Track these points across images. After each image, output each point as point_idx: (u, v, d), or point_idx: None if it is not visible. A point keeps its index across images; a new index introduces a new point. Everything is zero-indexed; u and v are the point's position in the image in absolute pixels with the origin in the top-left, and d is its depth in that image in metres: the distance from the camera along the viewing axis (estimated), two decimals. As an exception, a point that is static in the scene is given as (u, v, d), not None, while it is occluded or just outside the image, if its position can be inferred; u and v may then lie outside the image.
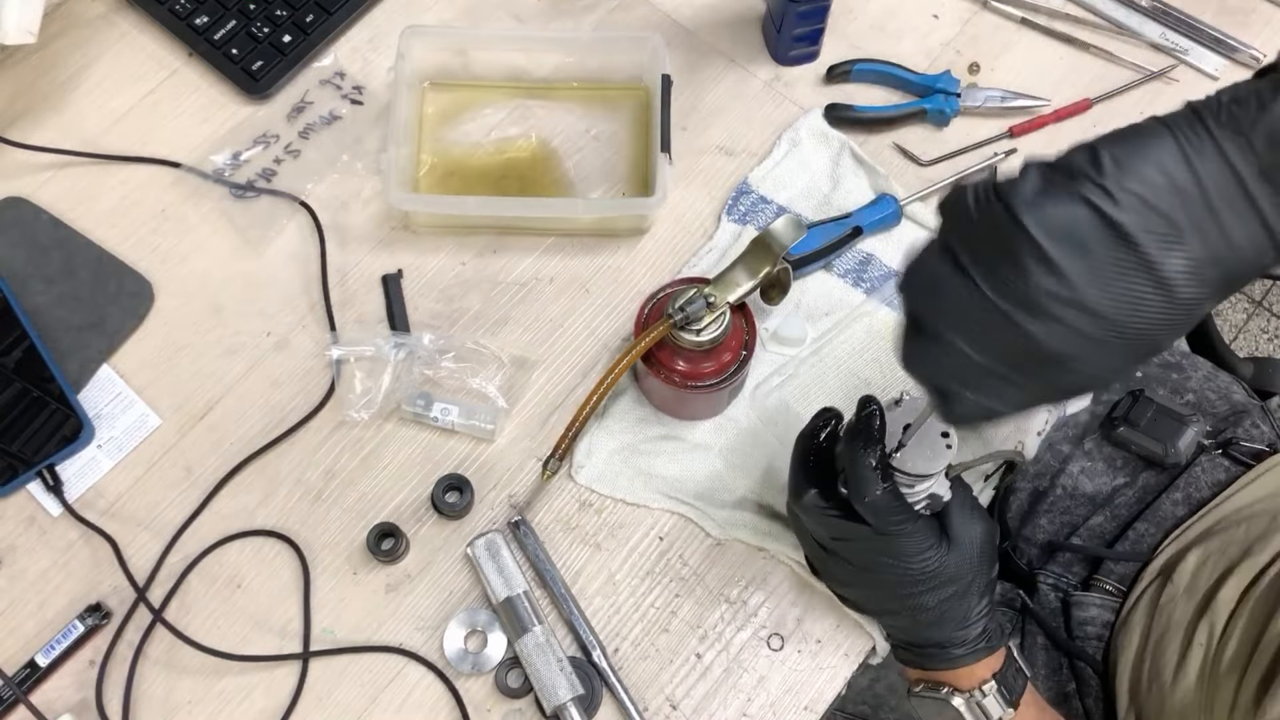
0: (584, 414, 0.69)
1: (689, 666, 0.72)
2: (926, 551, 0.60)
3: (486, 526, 0.74)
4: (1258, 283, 1.93)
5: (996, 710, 0.63)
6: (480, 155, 0.85)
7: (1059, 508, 0.91)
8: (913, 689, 0.67)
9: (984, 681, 0.63)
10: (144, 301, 0.80)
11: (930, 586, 0.61)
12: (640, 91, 0.87)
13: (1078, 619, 0.86)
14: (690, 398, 0.73)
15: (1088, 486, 0.91)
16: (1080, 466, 0.91)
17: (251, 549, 0.74)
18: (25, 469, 0.74)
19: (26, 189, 0.83)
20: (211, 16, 0.88)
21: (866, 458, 0.59)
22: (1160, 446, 0.87)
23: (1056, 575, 0.89)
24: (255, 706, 0.70)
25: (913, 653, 0.66)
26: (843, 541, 0.62)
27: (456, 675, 0.71)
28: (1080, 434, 0.93)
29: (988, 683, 0.63)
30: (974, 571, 0.62)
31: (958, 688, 0.64)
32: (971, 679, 0.64)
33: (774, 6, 0.86)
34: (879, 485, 0.59)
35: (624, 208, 0.82)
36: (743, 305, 0.70)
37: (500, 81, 0.88)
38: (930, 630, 0.63)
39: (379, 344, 0.77)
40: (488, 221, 0.83)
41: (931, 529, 0.61)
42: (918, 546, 0.60)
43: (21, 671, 0.69)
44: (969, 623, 0.63)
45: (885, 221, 0.82)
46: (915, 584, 0.61)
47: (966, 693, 0.64)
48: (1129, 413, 0.88)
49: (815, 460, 0.65)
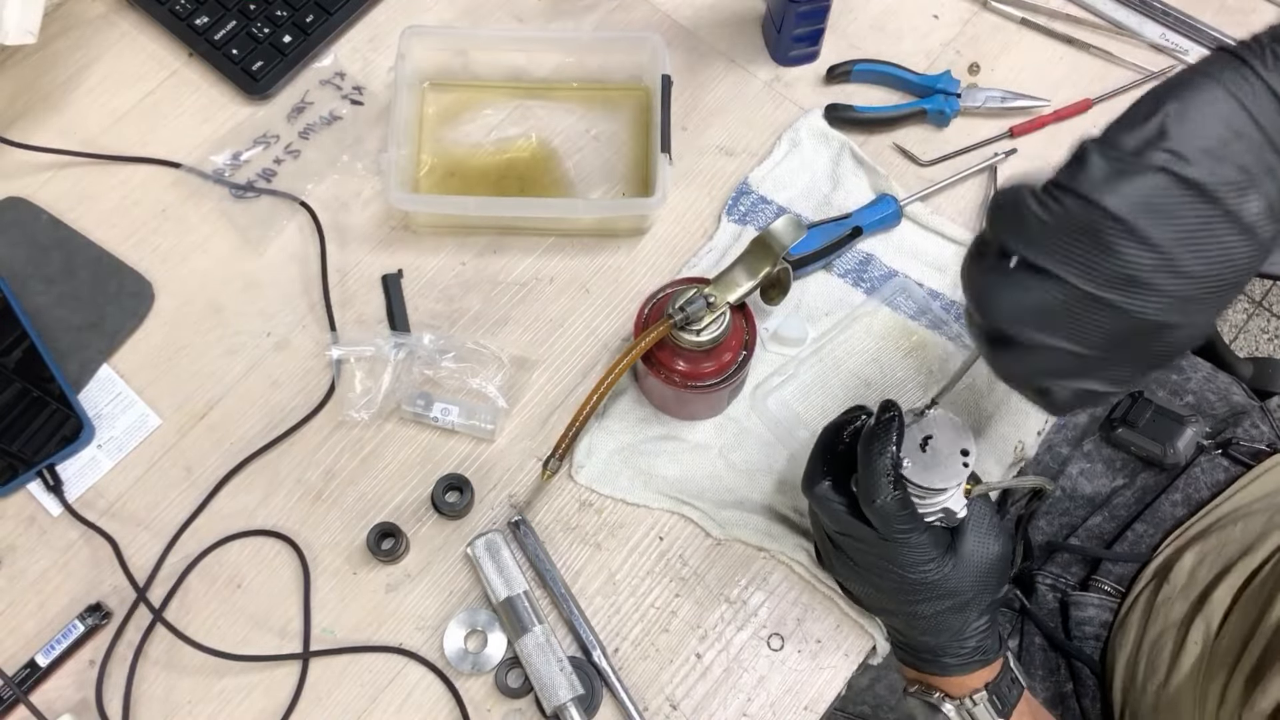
0: (584, 414, 0.68)
1: (689, 666, 0.72)
2: (927, 564, 0.59)
3: (487, 526, 0.74)
4: (1257, 282, 1.93)
5: (988, 719, 0.63)
6: (480, 155, 0.85)
7: (1058, 509, 0.91)
8: (908, 689, 0.67)
9: (975, 691, 0.63)
10: (144, 301, 0.80)
11: (926, 597, 0.61)
12: (640, 92, 0.87)
13: (1076, 619, 0.86)
14: (690, 398, 0.73)
15: (1086, 488, 0.91)
16: (1079, 468, 0.91)
17: (252, 549, 0.74)
18: (25, 469, 0.74)
19: (27, 189, 0.83)
20: (212, 17, 0.88)
21: (880, 462, 0.58)
22: (1159, 447, 0.87)
23: (1055, 576, 0.89)
24: (255, 706, 0.70)
25: (909, 654, 0.66)
26: (847, 538, 0.62)
27: (456, 675, 0.71)
28: (1079, 435, 0.93)
29: (979, 693, 0.63)
30: (976, 590, 0.61)
31: (949, 694, 0.64)
32: (963, 688, 0.64)
33: (774, 6, 0.86)
34: (889, 492, 0.58)
35: (624, 208, 0.82)
36: (743, 305, 0.70)
37: (500, 81, 0.88)
38: (925, 637, 0.63)
39: (379, 344, 0.77)
40: (487, 222, 0.83)
41: (938, 542, 0.60)
42: (918, 558, 0.59)
43: (22, 671, 0.69)
44: (964, 636, 0.62)
45: (885, 222, 0.82)
46: (913, 592, 0.61)
47: (957, 700, 0.63)
48: (1128, 414, 0.88)
49: (836, 453, 0.64)
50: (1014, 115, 0.87)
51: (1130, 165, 0.45)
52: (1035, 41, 0.90)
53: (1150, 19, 0.91)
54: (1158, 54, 0.90)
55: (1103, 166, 0.45)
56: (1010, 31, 0.91)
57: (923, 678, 0.65)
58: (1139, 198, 0.45)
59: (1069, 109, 0.87)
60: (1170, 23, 0.90)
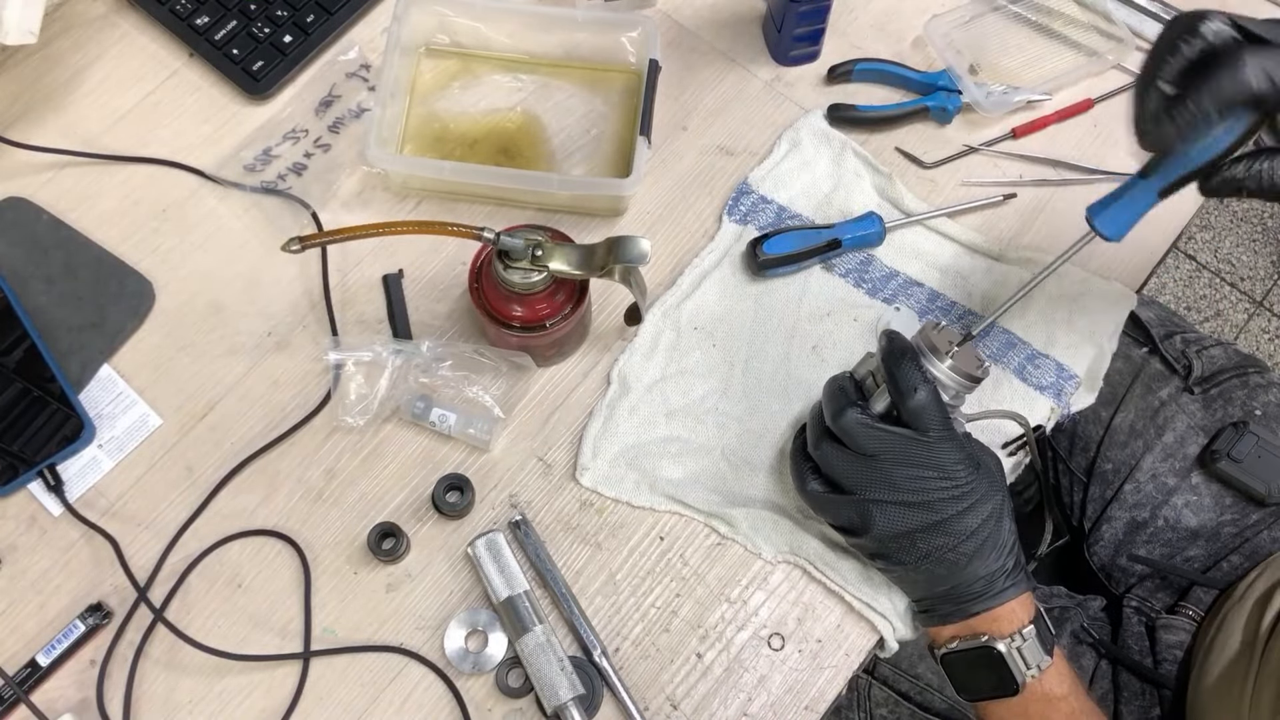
0: (353, 235, 0.66)
1: (690, 666, 0.72)
2: (961, 464, 0.63)
3: (487, 526, 0.74)
4: (1258, 282, 1.93)
5: (1036, 657, 0.64)
6: (466, 123, 0.85)
7: (1160, 539, 0.91)
8: (944, 649, 0.67)
9: (1024, 626, 0.64)
10: (145, 301, 0.80)
11: (970, 504, 0.63)
12: (632, 75, 0.87)
13: (1165, 642, 0.86)
14: (495, 333, 0.74)
15: (1191, 520, 0.91)
16: (1185, 499, 0.91)
17: (252, 549, 0.74)
18: (26, 469, 0.74)
19: (27, 189, 0.83)
20: (212, 17, 0.88)
21: (909, 365, 0.64)
22: (1263, 485, 0.85)
23: (1140, 600, 0.90)
24: (256, 706, 0.70)
25: (951, 604, 0.66)
26: (886, 457, 0.64)
27: (457, 675, 0.71)
28: (1188, 467, 0.92)
29: (1027, 627, 0.64)
30: (1001, 492, 0.65)
31: (999, 634, 0.65)
32: (1012, 622, 0.65)
33: (774, 6, 0.86)
34: (924, 386, 0.63)
35: (597, 187, 0.81)
36: (584, 289, 0.71)
37: (495, 53, 0.88)
38: (975, 563, 0.64)
39: (377, 350, 0.76)
40: (466, 189, 0.83)
41: (963, 447, 0.64)
42: (955, 456, 0.63)
43: (22, 671, 0.70)
44: (1008, 548, 0.65)
45: (867, 240, 0.81)
46: (959, 501, 0.63)
47: (1008, 638, 0.64)
48: (1232, 448, 0.86)
49: (848, 391, 0.67)
50: (1015, 115, 0.87)
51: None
52: (1036, 41, 0.90)
53: (1151, 19, 0.90)
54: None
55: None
56: (1011, 31, 0.91)
57: (966, 627, 0.66)
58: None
59: (1070, 109, 0.87)
60: (1171, 22, 0.90)
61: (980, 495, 0.64)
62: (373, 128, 0.78)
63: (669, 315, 0.80)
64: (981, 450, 0.67)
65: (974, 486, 0.64)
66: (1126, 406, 0.96)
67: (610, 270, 0.67)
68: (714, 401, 0.78)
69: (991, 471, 0.66)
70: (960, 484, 0.63)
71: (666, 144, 0.86)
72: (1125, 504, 0.93)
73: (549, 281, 0.68)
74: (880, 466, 0.64)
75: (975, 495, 0.64)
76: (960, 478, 0.63)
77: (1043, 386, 0.79)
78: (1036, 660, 0.64)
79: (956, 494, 0.63)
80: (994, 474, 0.66)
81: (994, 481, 0.65)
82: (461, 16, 0.86)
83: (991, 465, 0.67)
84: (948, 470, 0.63)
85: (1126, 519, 0.93)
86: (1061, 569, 1.04)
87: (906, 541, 0.64)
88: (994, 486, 0.65)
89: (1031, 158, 0.86)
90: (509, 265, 0.67)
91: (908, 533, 0.64)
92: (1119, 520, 0.93)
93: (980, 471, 0.64)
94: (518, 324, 0.71)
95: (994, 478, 0.66)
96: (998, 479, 0.66)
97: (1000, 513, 0.65)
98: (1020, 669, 0.64)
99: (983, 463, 0.65)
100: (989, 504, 0.64)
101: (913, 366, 0.64)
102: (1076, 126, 0.87)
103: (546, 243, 0.67)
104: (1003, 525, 0.65)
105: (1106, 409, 0.96)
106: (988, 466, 0.66)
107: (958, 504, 0.63)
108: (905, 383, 0.63)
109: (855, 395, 0.67)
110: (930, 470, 0.63)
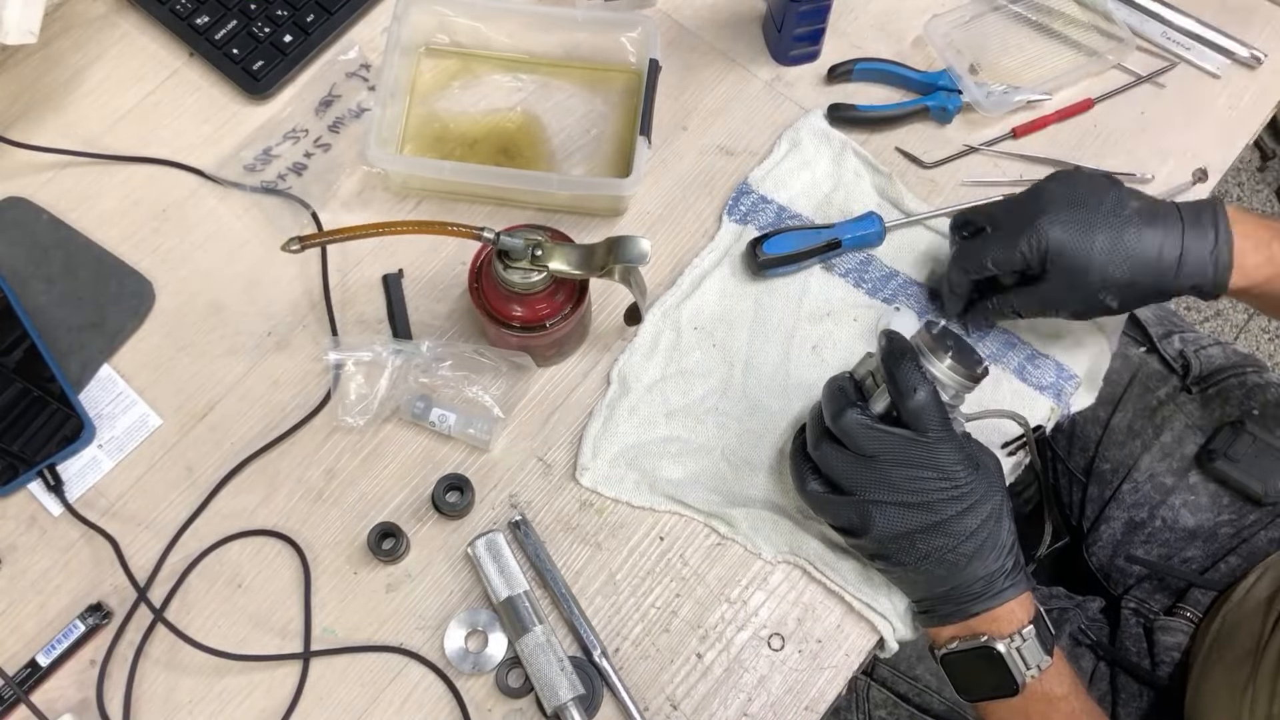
0: (352, 235, 0.66)
1: (689, 666, 0.72)
2: (961, 464, 0.63)
3: (487, 526, 0.74)
4: (1259, 282, 1.92)
5: (1035, 657, 0.64)
6: (466, 123, 0.86)
7: (1157, 539, 0.91)
8: (944, 649, 0.67)
9: (1023, 626, 0.65)
10: (145, 301, 0.80)
11: (969, 505, 0.64)
12: (632, 75, 0.87)
13: (1163, 644, 0.86)
14: (495, 333, 0.73)
15: (1189, 520, 0.91)
16: (1183, 499, 0.91)
17: (252, 549, 0.74)
18: (26, 469, 0.74)
19: (27, 189, 0.83)
20: (212, 16, 0.88)
21: (909, 365, 0.64)
22: (1260, 485, 0.85)
23: (1139, 601, 0.90)
24: (256, 706, 0.70)
25: (951, 605, 0.66)
26: (886, 458, 0.64)
27: (457, 675, 0.71)
28: (1186, 466, 0.92)
29: (1027, 627, 0.65)
30: (1000, 493, 0.66)
31: (998, 634, 0.65)
32: (1012, 622, 0.65)
33: (774, 6, 0.86)
34: (924, 386, 0.63)
35: (597, 187, 0.82)
36: (583, 289, 0.71)
37: (495, 53, 0.88)
38: (975, 564, 0.64)
39: (377, 350, 0.76)
40: (467, 189, 0.83)
41: (962, 448, 0.64)
42: (955, 457, 0.63)
43: (22, 671, 0.70)
44: (1007, 549, 0.65)
45: (867, 240, 0.81)
46: (958, 501, 0.63)
47: (1007, 638, 0.65)
48: (1229, 448, 0.86)
49: (848, 391, 0.67)
50: (1015, 115, 0.87)
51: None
52: (1037, 40, 0.90)
53: (1151, 19, 0.90)
54: (1159, 53, 0.89)
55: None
56: (1012, 31, 0.91)
57: (966, 627, 0.66)
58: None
59: (1070, 108, 0.87)
60: (1171, 22, 0.90)
61: (979, 496, 0.64)
62: (373, 127, 0.78)
63: (669, 315, 0.80)
64: (981, 451, 0.68)
65: (973, 487, 0.64)
66: (1124, 406, 0.96)
67: (610, 270, 0.67)
68: (714, 401, 0.78)
69: (991, 472, 0.66)
70: (959, 485, 0.63)
71: (666, 144, 0.86)
72: (1123, 504, 0.93)
73: (549, 281, 0.68)
74: (880, 467, 0.64)
75: (974, 496, 0.64)
76: (959, 478, 0.63)
77: (1042, 386, 0.79)
78: (1036, 660, 0.65)
79: (956, 495, 0.63)
80: (993, 475, 0.66)
81: (993, 482, 0.65)
82: (461, 16, 0.86)
83: (991, 466, 0.67)
84: (947, 471, 0.63)
85: (1125, 519, 0.93)
86: (1060, 569, 1.04)
87: (906, 542, 0.64)
88: (993, 487, 0.65)
89: (1032, 158, 0.86)
90: (509, 265, 0.67)
91: (907, 533, 0.64)
92: (1117, 520, 0.93)
93: (979, 472, 0.65)
94: (518, 324, 0.71)
95: (993, 478, 0.66)
96: (997, 480, 0.66)
97: (999, 513, 0.65)
98: (1020, 669, 0.64)
99: (982, 463, 0.66)
100: (988, 505, 0.64)
101: (912, 366, 0.64)
102: (1076, 126, 0.87)
103: (546, 243, 0.66)
104: (1002, 526, 0.65)
105: (1105, 409, 0.96)
106: (987, 467, 0.66)
107: (957, 505, 0.63)
108: (905, 383, 0.63)
109: (855, 396, 0.67)
110: (929, 471, 0.63)
